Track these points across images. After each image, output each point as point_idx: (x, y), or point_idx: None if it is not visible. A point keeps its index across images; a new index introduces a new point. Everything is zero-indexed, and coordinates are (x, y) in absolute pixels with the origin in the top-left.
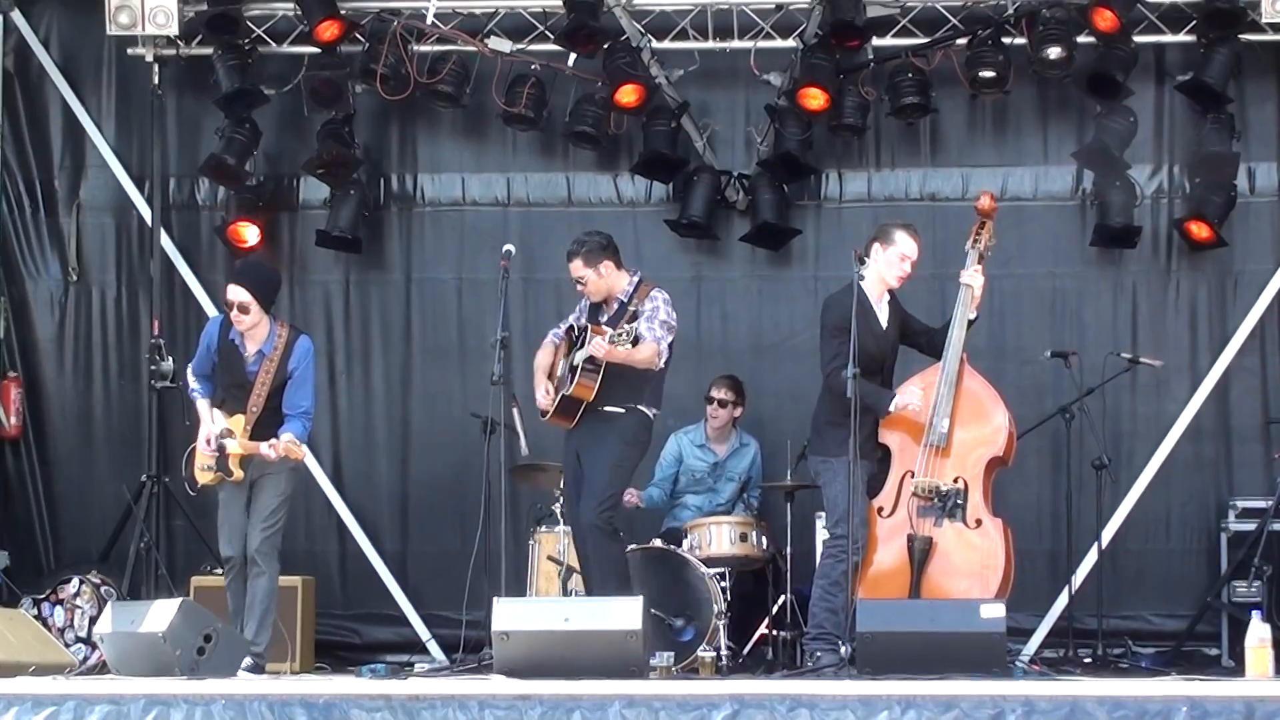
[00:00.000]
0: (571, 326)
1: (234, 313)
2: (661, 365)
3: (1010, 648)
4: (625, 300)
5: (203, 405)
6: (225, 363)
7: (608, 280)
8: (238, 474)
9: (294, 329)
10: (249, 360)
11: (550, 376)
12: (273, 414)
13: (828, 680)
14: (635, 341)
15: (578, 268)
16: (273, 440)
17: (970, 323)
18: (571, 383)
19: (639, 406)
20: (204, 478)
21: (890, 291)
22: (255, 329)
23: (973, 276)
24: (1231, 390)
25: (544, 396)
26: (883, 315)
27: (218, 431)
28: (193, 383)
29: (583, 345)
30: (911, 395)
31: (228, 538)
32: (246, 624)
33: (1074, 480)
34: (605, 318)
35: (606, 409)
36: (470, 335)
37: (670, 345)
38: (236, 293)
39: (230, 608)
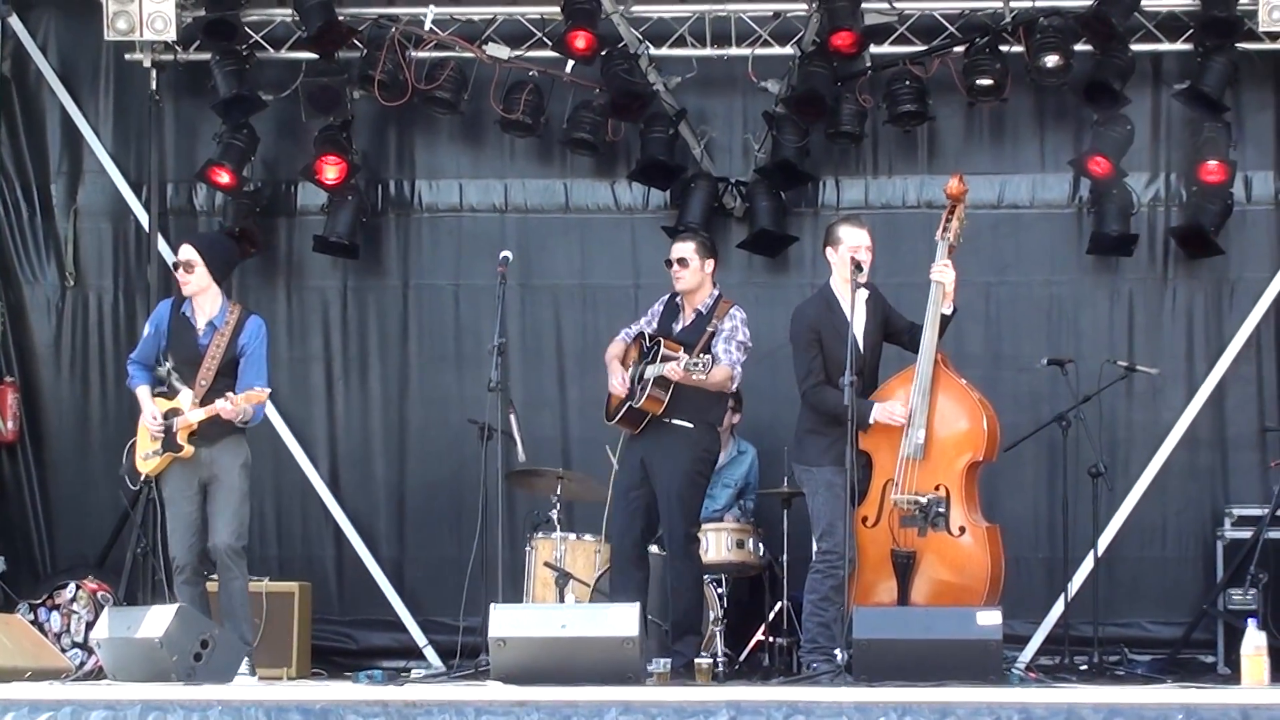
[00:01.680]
0: (643, 334)
1: (179, 272)
2: (734, 388)
3: (1006, 655)
4: (705, 312)
5: (144, 390)
6: (176, 339)
7: (703, 279)
8: (188, 449)
9: (246, 309)
10: (200, 333)
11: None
12: (221, 393)
13: (824, 687)
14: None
15: (688, 250)
16: (228, 394)
17: (947, 320)
18: (642, 396)
19: (708, 420)
20: (148, 466)
21: (870, 288)
22: (204, 298)
23: (943, 272)
24: (1227, 398)
25: (620, 384)
26: (859, 320)
27: (162, 412)
28: (131, 370)
29: (654, 358)
30: (894, 408)
31: (180, 542)
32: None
33: (1070, 487)
34: (679, 327)
35: (676, 422)
36: (467, 341)
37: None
38: (185, 251)
39: None
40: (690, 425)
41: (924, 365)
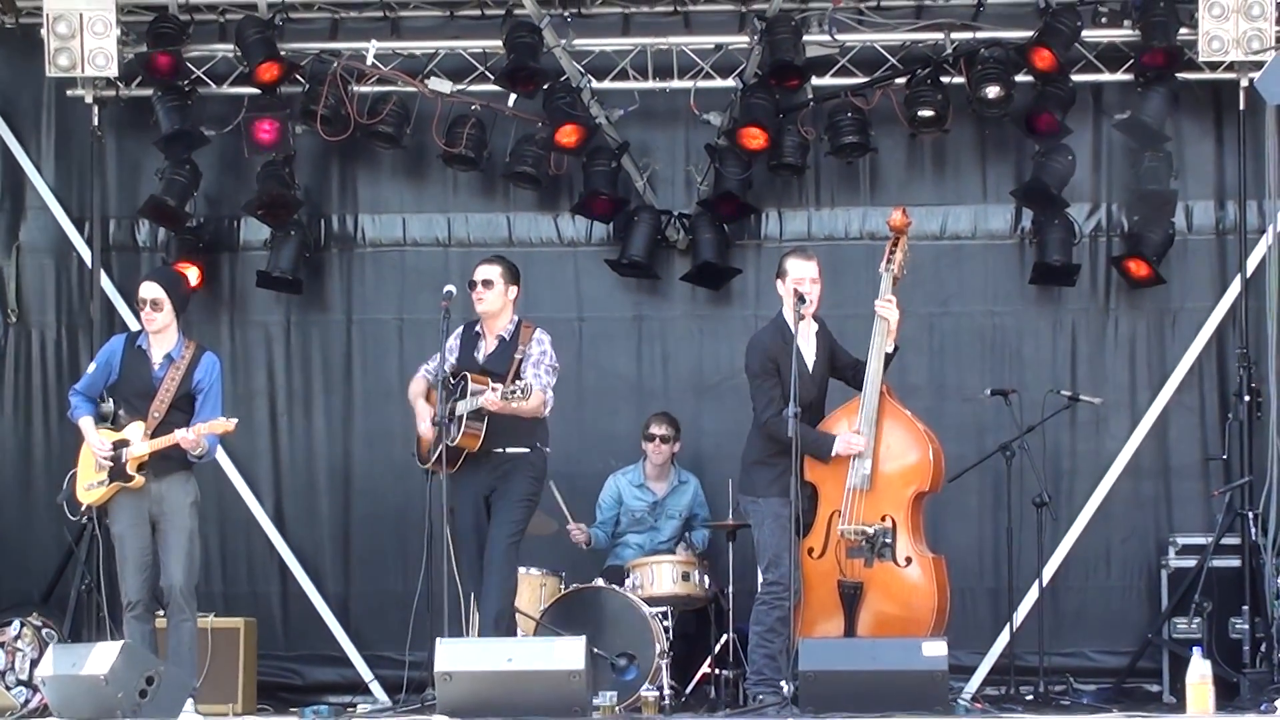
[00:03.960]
0: (450, 375)
1: (146, 310)
2: (547, 413)
3: (952, 685)
4: (507, 338)
5: (87, 421)
6: (131, 372)
7: (506, 303)
8: (138, 480)
9: (200, 345)
10: (156, 366)
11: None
12: (171, 428)
13: (771, 719)
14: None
15: (494, 272)
16: (195, 425)
17: (890, 356)
18: (458, 433)
19: (539, 445)
20: (91, 495)
21: (819, 322)
22: (164, 333)
23: (887, 309)
24: (1170, 427)
25: (428, 428)
26: (809, 352)
27: (111, 443)
28: (74, 401)
29: (462, 393)
30: (851, 437)
31: (132, 579)
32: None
33: (1015, 518)
34: (482, 356)
35: (510, 450)
36: (411, 376)
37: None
38: (150, 289)
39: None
40: (526, 450)
41: (870, 396)
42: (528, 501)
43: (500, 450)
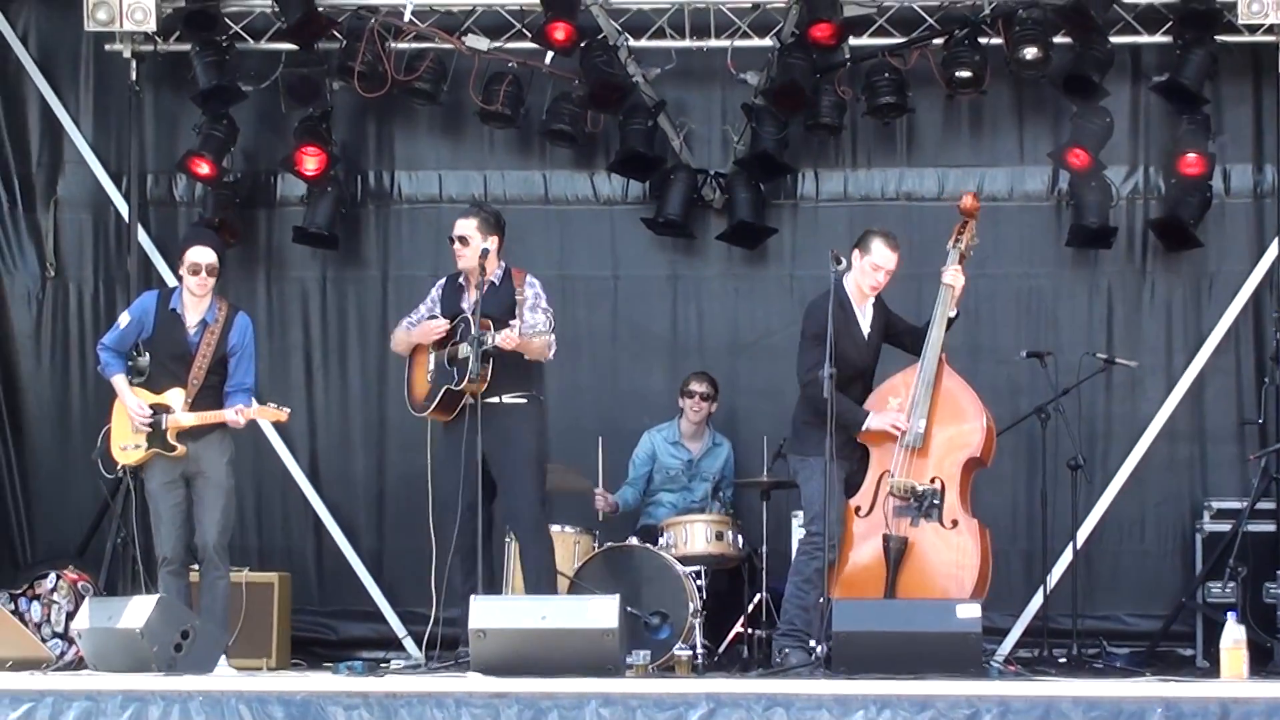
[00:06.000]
0: (452, 316)
1: (202, 275)
2: (551, 356)
3: (986, 647)
4: (497, 284)
5: (122, 380)
6: (165, 334)
7: (488, 255)
8: (180, 449)
9: (233, 305)
10: (191, 330)
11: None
12: (210, 391)
13: (804, 679)
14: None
15: (469, 227)
16: (239, 406)
17: (950, 321)
18: (463, 378)
19: (536, 393)
20: (128, 457)
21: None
22: (205, 297)
23: (954, 276)
24: (1206, 391)
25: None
26: (865, 320)
27: (149, 406)
28: (105, 358)
29: (461, 337)
30: (889, 417)
31: (167, 537)
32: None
33: (1049, 480)
34: (469, 302)
35: (506, 400)
36: None
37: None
38: (205, 254)
39: None
40: (524, 400)
41: (929, 359)
42: (539, 464)
43: (497, 400)
